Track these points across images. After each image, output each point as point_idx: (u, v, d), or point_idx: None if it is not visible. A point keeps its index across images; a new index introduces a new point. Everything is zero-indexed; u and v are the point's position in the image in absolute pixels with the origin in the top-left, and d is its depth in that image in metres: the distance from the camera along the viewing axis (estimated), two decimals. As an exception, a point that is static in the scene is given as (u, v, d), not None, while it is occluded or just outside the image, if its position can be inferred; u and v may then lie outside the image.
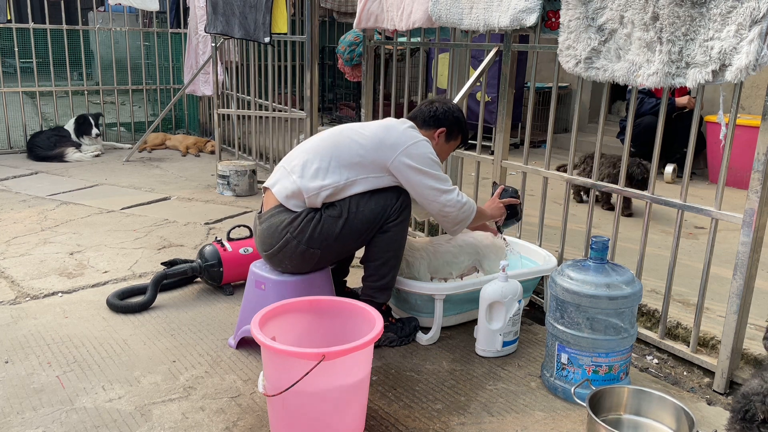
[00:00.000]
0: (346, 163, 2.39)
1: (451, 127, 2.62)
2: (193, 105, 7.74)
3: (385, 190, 2.43)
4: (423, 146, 2.44)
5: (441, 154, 2.64)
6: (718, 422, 2.10)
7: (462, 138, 2.71)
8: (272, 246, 2.41)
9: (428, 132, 2.60)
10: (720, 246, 2.53)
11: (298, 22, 6.72)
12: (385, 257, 2.44)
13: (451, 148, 2.71)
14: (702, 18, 2.10)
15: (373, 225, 2.40)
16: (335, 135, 2.49)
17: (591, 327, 2.13)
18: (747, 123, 4.89)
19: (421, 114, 2.63)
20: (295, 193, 2.38)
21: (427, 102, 2.68)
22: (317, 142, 2.49)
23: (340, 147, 2.42)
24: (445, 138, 2.63)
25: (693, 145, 2.41)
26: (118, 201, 4.69)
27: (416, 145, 2.42)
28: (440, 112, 2.61)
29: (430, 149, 2.46)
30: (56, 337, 2.58)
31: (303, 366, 1.75)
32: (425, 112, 2.62)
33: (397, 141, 2.41)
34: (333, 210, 2.39)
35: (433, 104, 2.64)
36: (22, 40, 6.25)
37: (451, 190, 2.46)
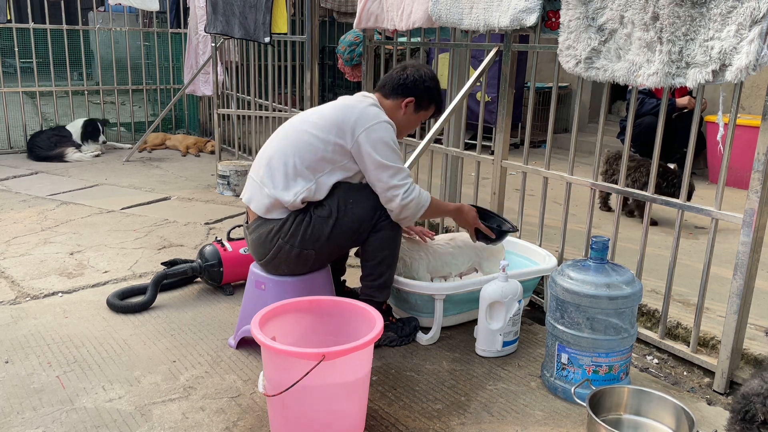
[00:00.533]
0: (310, 161, 2.33)
1: (421, 96, 2.49)
2: (193, 105, 7.74)
3: None
4: (382, 129, 2.33)
5: (409, 125, 2.55)
6: (718, 422, 2.10)
7: (435, 108, 2.58)
8: (266, 255, 2.40)
9: (395, 101, 2.48)
10: (720, 246, 2.53)
11: (298, 22, 6.71)
12: (380, 256, 2.42)
13: (421, 118, 2.59)
14: (702, 18, 2.10)
15: (364, 223, 2.37)
16: (293, 132, 2.40)
17: (591, 327, 2.13)
18: (747, 123, 4.89)
19: (390, 81, 2.50)
20: (273, 204, 2.34)
21: (399, 68, 2.53)
22: (276, 144, 2.41)
23: (300, 145, 2.34)
24: (414, 108, 2.51)
25: (693, 145, 2.41)
26: (118, 201, 4.69)
27: (376, 127, 2.32)
28: (410, 80, 2.46)
29: (389, 134, 2.34)
30: (56, 337, 2.58)
31: (303, 366, 1.75)
32: (394, 79, 2.49)
33: (356, 123, 2.32)
34: (322, 210, 2.35)
35: (404, 70, 2.50)
36: (22, 40, 6.25)
37: (400, 185, 2.32)
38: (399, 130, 2.52)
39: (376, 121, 2.34)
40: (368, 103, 2.43)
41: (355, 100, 2.45)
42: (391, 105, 2.49)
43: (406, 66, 2.53)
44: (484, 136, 3.57)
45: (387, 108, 2.48)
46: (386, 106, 2.49)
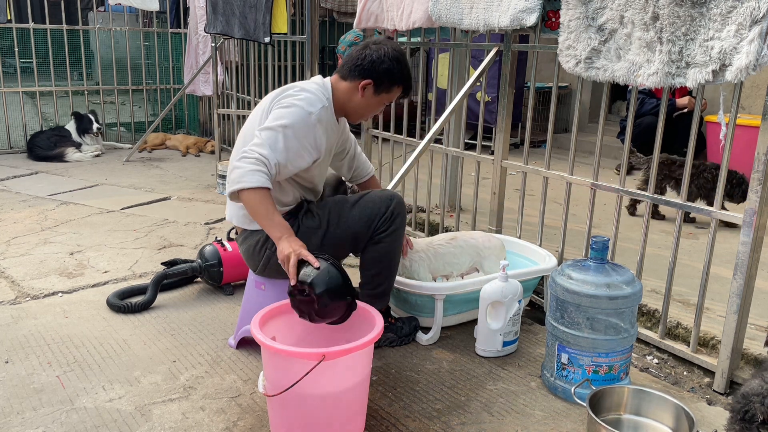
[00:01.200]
0: None
1: (380, 78, 2.28)
2: (193, 105, 7.74)
3: (371, 197, 2.34)
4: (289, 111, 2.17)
5: (369, 108, 2.37)
6: (718, 422, 2.10)
7: (402, 89, 2.37)
8: (257, 266, 2.38)
9: (352, 83, 2.30)
10: (720, 246, 2.53)
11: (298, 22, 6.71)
12: (379, 267, 2.38)
13: (384, 100, 2.36)
14: (702, 18, 2.10)
15: (359, 236, 2.32)
16: (243, 129, 2.34)
17: (591, 327, 2.13)
18: (747, 123, 4.89)
19: (348, 61, 2.31)
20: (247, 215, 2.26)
21: (361, 46, 2.33)
22: (235, 149, 2.34)
23: (244, 139, 2.28)
24: (373, 91, 2.30)
25: (693, 145, 2.41)
26: (118, 201, 4.69)
27: (283, 102, 2.20)
28: (367, 61, 2.27)
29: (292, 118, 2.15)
30: (56, 337, 2.58)
31: (303, 366, 1.75)
32: (353, 59, 2.30)
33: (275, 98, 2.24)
34: (311, 220, 2.31)
35: (364, 50, 2.30)
36: (22, 40, 6.25)
37: (251, 156, 2.07)
38: (359, 113, 2.39)
39: (290, 100, 2.20)
40: (304, 85, 2.28)
41: (294, 84, 2.31)
42: (347, 87, 2.31)
43: (368, 44, 2.33)
44: (484, 136, 3.57)
45: (342, 90, 2.32)
46: (342, 88, 2.32)
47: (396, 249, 2.41)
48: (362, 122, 3.82)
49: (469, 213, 3.71)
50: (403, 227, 2.41)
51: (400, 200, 2.36)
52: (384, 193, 2.38)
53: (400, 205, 2.35)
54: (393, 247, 2.38)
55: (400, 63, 2.32)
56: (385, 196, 2.35)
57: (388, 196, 2.35)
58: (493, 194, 3.27)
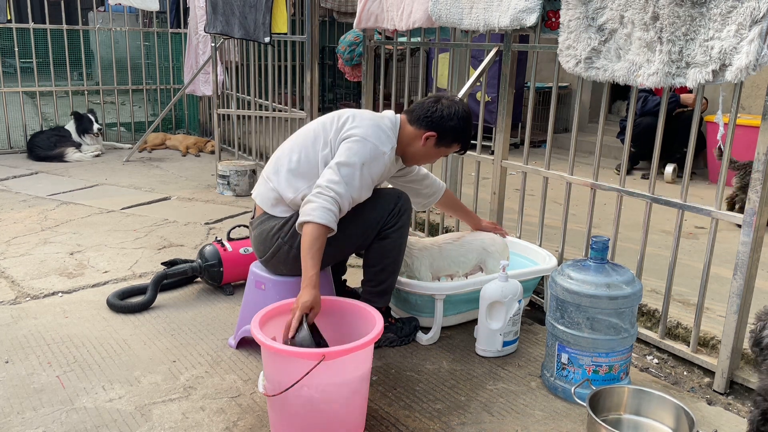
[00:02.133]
0: (315, 159, 2.31)
1: (444, 134, 2.40)
2: (193, 105, 7.74)
3: (381, 194, 2.38)
4: (361, 146, 2.24)
5: (426, 157, 2.49)
6: (718, 422, 2.10)
7: (461, 146, 2.49)
8: (265, 252, 2.40)
9: (417, 130, 2.40)
10: (720, 246, 2.53)
11: (298, 22, 6.71)
12: (384, 263, 2.40)
13: (442, 153, 2.49)
14: (702, 18, 2.10)
15: (368, 231, 2.35)
16: (307, 130, 2.41)
17: (591, 327, 2.13)
18: (747, 123, 4.89)
19: (419, 108, 2.42)
20: (278, 200, 2.35)
21: (433, 98, 2.43)
22: (288, 141, 2.44)
23: (308, 142, 2.36)
24: (434, 143, 2.41)
25: (693, 145, 2.41)
26: (118, 201, 4.69)
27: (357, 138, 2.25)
28: (437, 115, 2.37)
29: (365, 151, 2.23)
30: (56, 337, 2.58)
31: (303, 366, 1.75)
32: (424, 108, 2.40)
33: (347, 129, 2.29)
34: None
35: (436, 104, 2.40)
36: (22, 40, 6.24)
37: (327, 193, 2.15)
38: (416, 158, 2.50)
39: (361, 132, 2.27)
40: (379, 121, 2.35)
41: (371, 114, 2.40)
42: (412, 132, 2.41)
43: (440, 98, 2.42)
44: (484, 136, 3.58)
45: (407, 133, 2.42)
46: (407, 131, 2.42)
47: (401, 245, 2.44)
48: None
49: (469, 213, 3.71)
50: (408, 225, 2.46)
51: (407, 198, 2.43)
52: (392, 190, 2.46)
53: (407, 202, 2.42)
54: (399, 243, 2.41)
55: (467, 123, 2.43)
56: (393, 193, 2.42)
57: (396, 193, 2.42)
58: (493, 194, 3.27)
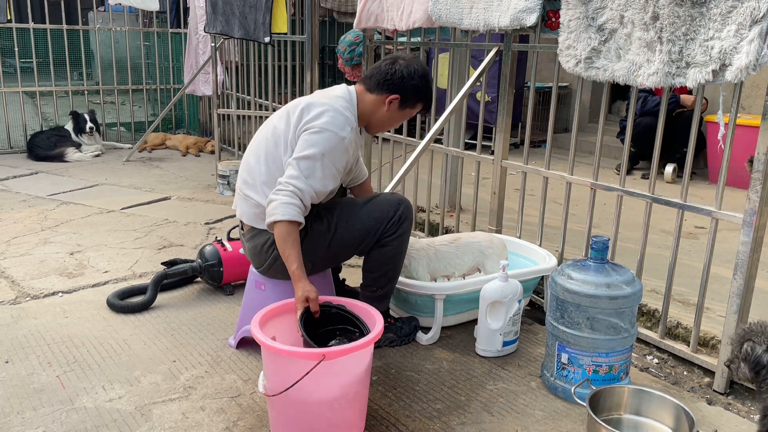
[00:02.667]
0: (276, 158, 2.25)
1: (407, 94, 2.31)
2: (193, 105, 7.74)
3: (381, 200, 2.35)
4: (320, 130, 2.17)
5: (390, 122, 2.40)
6: (718, 422, 2.10)
7: (424, 106, 2.40)
8: (262, 264, 2.39)
9: (379, 96, 2.31)
10: (720, 246, 2.53)
11: (298, 22, 6.71)
12: (383, 270, 2.39)
13: (406, 115, 2.42)
14: (702, 18, 2.10)
15: (366, 239, 2.33)
16: (267, 135, 2.33)
17: (591, 327, 2.13)
18: (747, 123, 4.89)
19: (376, 74, 2.31)
20: (263, 212, 2.28)
21: (389, 60, 2.34)
22: (251, 148, 2.36)
23: (272, 147, 2.29)
24: (398, 106, 2.33)
25: (693, 145, 2.41)
26: (118, 201, 4.69)
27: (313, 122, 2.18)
28: (397, 76, 2.27)
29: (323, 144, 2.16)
30: (56, 337, 2.58)
31: (303, 366, 1.75)
32: (382, 73, 2.30)
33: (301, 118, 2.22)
34: (320, 224, 2.31)
35: (394, 64, 2.30)
36: (22, 40, 6.24)
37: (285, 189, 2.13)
38: (380, 126, 2.42)
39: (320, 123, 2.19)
40: (334, 103, 2.25)
41: (324, 97, 2.29)
42: (374, 100, 2.33)
43: (396, 59, 2.34)
44: (484, 136, 3.57)
45: (368, 103, 2.34)
46: (368, 100, 2.34)
47: (401, 253, 2.41)
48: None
49: (469, 213, 3.71)
50: (410, 231, 2.42)
51: (408, 205, 2.38)
52: (393, 196, 2.40)
53: (408, 209, 2.37)
54: (399, 251, 2.39)
55: (427, 81, 2.36)
56: (393, 200, 2.36)
57: (397, 200, 2.37)
58: (493, 194, 3.27)
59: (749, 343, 1.73)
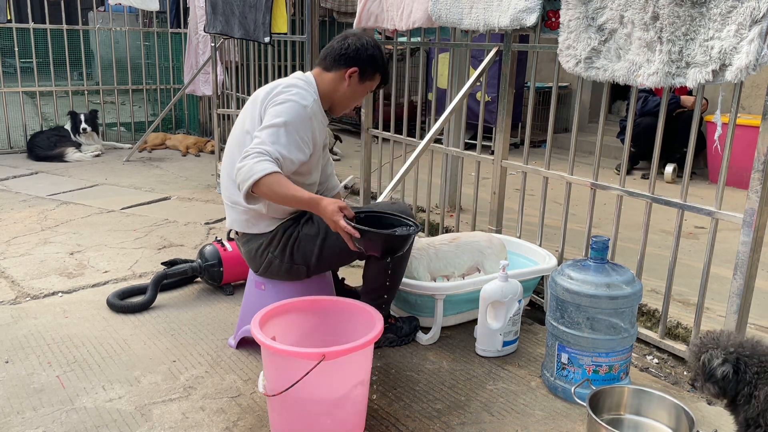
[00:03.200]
0: None
1: (364, 65, 2.34)
2: (193, 105, 7.74)
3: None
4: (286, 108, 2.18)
5: (354, 96, 2.40)
6: (718, 422, 2.10)
7: (381, 78, 2.43)
8: (258, 267, 2.40)
9: (338, 72, 2.33)
10: (720, 246, 2.53)
11: (298, 22, 6.71)
12: (383, 280, 2.38)
13: (367, 88, 2.42)
14: (702, 18, 2.10)
15: None
16: (233, 131, 2.36)
17: (591, 327, 2.13)
18: (747, 123, 4.89)
19: (331, 52, 2.34)
20: (255, 217, 2.30)
21: (339, 37, 2.38)
22: (226, 153, 2.38)
23: (237, 139, 2.31)
24: (358, 78, 2.35)
25: (693, 145, 2.41)
26: (118, 201, 4.69)
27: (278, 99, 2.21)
28: (351, 49, 2.31)
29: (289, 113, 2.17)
30: (56, 337, 2.58)
31: (303, 366, 1.75)
32: (336, 49, 2.33)
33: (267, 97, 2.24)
34: (310, 227, 2.32)
35: (345, 40, 2.35)
36: (22, 40, 6.25)
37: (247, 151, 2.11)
38: (344, 103, 2.41)
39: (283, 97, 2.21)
40: (291, 81, 2.29)
41: (282, 79, 2.33)
42: (333, 77, 2.34)
43: (347, 35, 2.38)
44: (484, 136, 3.57)
45: (328, 81, 2.34)
46: (327, 79, 2.35)
47: (403, 262, 2.41)
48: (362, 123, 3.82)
49: (469, 213, 3.71)
50: (411, 244, 2.40)
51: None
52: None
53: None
54: (400, 260, 2.37)
55: (381, 51, 2.39)
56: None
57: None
58: (493, 194, 3.27)
59: (705, 355, 1.67)
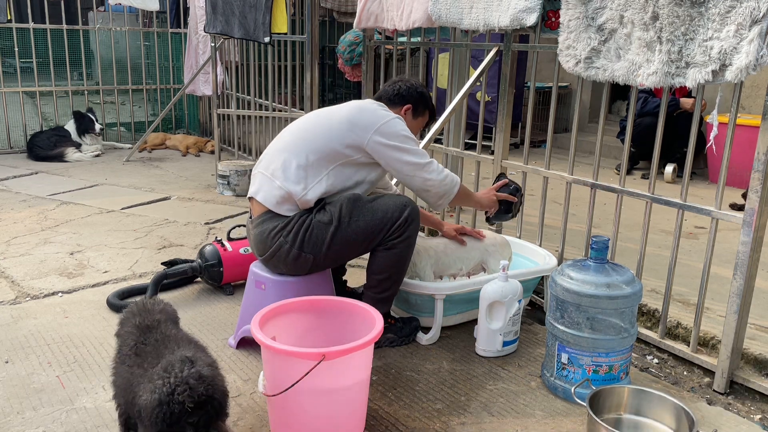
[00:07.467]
0: (323, 153, 2.35)
1: (416, 103, 2.63)
2: (193, 105, 7.74)
3: (386, 203, 2.36)
4: (396, 124, 2.41)
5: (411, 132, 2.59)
6: (718, 422, 2.10)
7: (429, 113, 2.71)
8: (266, 251, 2.39)
9: (395, 110, 2.57)
10: (720, 246, 2.53)
11: (298, 22, 6.72)
12: (389, 272, 2.39)
13: (420, 124, 2.71)
14: (701, 18, 2.10)
15: (370, 238, 2.34)
16: (306, 126, 2.45)
17: (591, 327, 2.13)
18: (747, 123, 4.89)
19: (386, 93, 2.64)
20: (285, 198, 2.34)
21: (390, 82, 2.69)
22: (289, 138, 2.45)
23: (313, 137, 2.38)
24: (411, 114, 2.63)
25: (693, 145, 2.41)
26: (118, 201, 4.69)
27: (389, 123, 2.39)
28: (404, 89, 2.62)
29: (402, 126, 2.44)
30: (56, 337, 2.58)
31: (303, 366, 1.75)
32: (389, 91, 2.63)
33: (370, 121, 2.38)
34: (323, 215, 2.33)
35: (396, 83, 2.65)
36: (22, 40, 6.25)
37: (429, 162, 2.43)
38: None
39: (388, 118, 2.42)
40: (378, 105, 2.52)
41: (369, 102, 2.54)
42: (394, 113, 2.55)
43: (396, 80, 2.67)
44: (484, 136, 3.57)
45: None
46: None
47: (407, 255, 2.42)
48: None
49: (469, 213, 3.71)
50: (416, 234, 2.42)
51: (415, 207, 2.39)
52: (399, 199, 2.39)
53: (415, 212, 2.38)
54: (405, 253, 2.39)
55: (426, 90, 2.70)
56: (400, 202, 2.37)
57: (403, 202, 2.37)
58: (493, 194, 3.27)
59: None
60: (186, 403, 1.45)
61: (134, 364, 1.66)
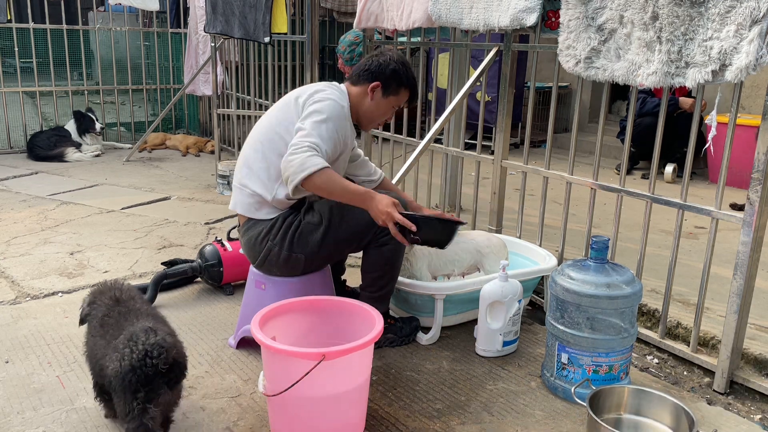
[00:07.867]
0: (277, 147, 2.31)
1: (387, 80, 2.41)
2: (193, 105, 7.74)
3: None
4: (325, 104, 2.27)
5: (378, 111, 2.47)
6: (718, 422, 2.10)
7: (408, 92, 2.48)
8: (257, 257, 2.40)
9: (361, 87, 2.43)
10: (720, 246, 2.53)
11: (298, 22, 6.71)
12: (383, 270, 2.39)
13: (393, 103, 2.47)
14: (701, 18, 2.10)
15: (361, 236, 2.33)
16: (258, 129, 2.42)
17: (591, 327, 2.13)
18: (747, 123, 4.89)
19: (357, 68, 2.47)
20: (260, 202, 2.34)
21: (368, 56, 2.51)
22: (247, 147, 2.42)
23: (265, 136, 2.36)
24: (381, 93, 2.43)
25: (693, 145, 2.41)
26: (118, 201, 4.69)
27: (317, 96, 2.30)
28: (373, 66, 2.42)
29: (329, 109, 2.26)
30: (56, 337, 2.58)
31: (303, 366, 1.75)
32: (361, 65, 2.46)
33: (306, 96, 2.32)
34: (312, 216, 2.34)
35: (371, 57, 2.47)
36: (22, 40, 6.25)
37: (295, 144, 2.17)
38: (369, 117, 2.48)
39: (322, 95, 2.31)
40: (329, 83, 2.42)
41: (316, 84, 2.44)
42: (357, 91, 2.44)
43: (374, 53, 2.49)
44: (484, 136, 3.57)
45: (354, 95, 2.44)
46: (353, 93, 2.44)
47: (400, 252, 2.41)
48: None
49: (469, 213, 3.71)
50: None
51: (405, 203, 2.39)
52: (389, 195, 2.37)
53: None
54: (397, 250, 2.39)
55: (405, 66, 2.46)
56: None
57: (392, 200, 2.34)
58: (493, 194, 3.27)
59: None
60: (159, 366, 1.65)
61: (98, 335, 1.86)
